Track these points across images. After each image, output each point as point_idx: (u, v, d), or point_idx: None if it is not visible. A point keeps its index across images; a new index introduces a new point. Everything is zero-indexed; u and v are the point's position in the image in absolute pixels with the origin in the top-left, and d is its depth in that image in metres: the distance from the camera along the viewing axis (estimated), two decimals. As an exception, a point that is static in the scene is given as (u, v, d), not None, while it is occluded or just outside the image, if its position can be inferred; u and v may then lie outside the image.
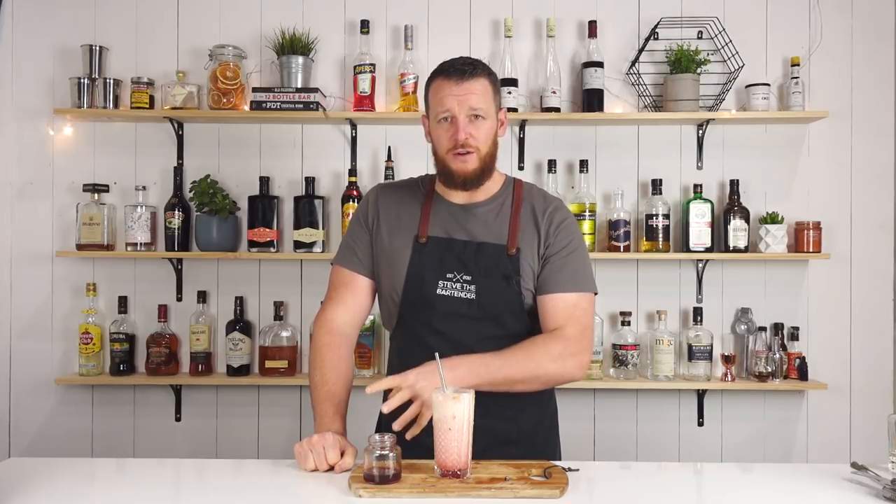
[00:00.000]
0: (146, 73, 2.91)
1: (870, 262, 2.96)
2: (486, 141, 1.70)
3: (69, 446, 2.91)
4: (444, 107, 1.68)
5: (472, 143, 1.67)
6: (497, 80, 1.76)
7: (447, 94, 1.67)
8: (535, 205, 1.78)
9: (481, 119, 1.68)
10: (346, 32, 2.97)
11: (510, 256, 1.71)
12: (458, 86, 1.67)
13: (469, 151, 1.68)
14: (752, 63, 2.94)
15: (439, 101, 1.69)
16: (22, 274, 2.95)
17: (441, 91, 1.69)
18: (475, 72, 1.69)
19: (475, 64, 1.71)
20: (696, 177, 2.94)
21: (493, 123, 1.72)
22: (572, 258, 1.74)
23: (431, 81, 1.74)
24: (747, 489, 1.51)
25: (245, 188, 2.93)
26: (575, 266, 1.73)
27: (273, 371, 2.84)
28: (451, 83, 1.67)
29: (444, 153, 1.70)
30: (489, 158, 1.72)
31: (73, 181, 2.94)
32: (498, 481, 1.40)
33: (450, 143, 1.68)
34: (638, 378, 2.85)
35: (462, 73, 1.68)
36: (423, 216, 1.76)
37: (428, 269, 1.71)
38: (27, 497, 1.37)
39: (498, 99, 1.75)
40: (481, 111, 1.68)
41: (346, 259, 1.81)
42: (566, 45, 2.96)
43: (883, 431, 1.50)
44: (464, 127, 1.67)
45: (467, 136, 1.67)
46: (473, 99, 1.67)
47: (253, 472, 1.58)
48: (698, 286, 2.95)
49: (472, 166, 1.69)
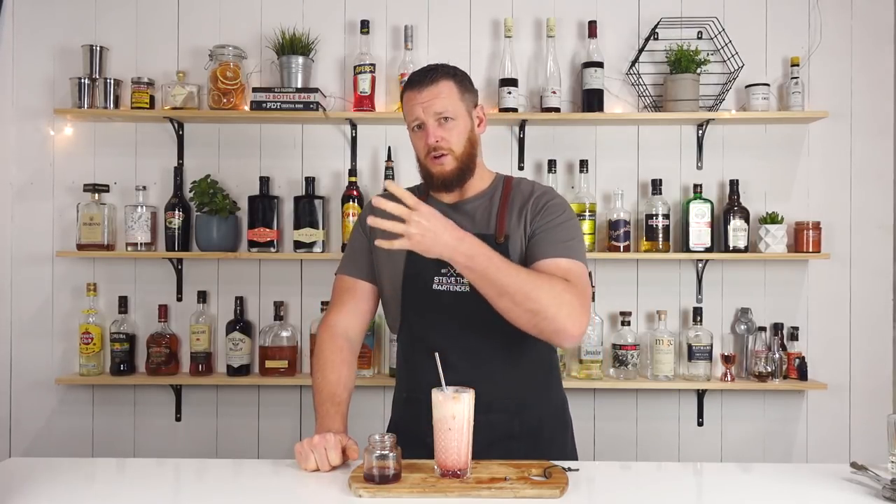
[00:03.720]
0: (146, 73, 2.92)
1: (870, 262, 2.96)
2: (459, 141, 1.72)
3: (69, 446, 2.91)
4: (413, 116, 1.73)
5: (444, 146, 1.71)
6: (465, 79, 1.77)
7: (414, 103, 1.72)
8: (522, 194, 1.79)
9: (451, 120, 1.71)
10: (346, 32, 2.98)
11: (499, 245, 1.71)
12: (420, 93, 1.71)
13: (443, 154, 1.71)
14: (752, 63, 2.94)
15: (409, 111, 1.75)
16: (22, 274, 2.95)
17: (409, 102, 1.74)
18: (435, 76, 1.72)
19: (436, 69, 1.75)
20: (695, 177, 2.94)
21: (465, 123, 1.74)
22: (561, 228, 1.70)
23: (403, 94, 1.79)
24: (747, 489, 1.51)
25: (245, 188, 2.94)
26: (564, 236, 1.69)
27: (273, 371, 2.84)
28: (415, 92, 1.72)
29: (423, 158, 1.75)
30: (466, 157, 1.73)
31: (74, 181, 2.94)
32: (498, 481, 1.40)
33: (425, 149, 1.73)
34: (638, 378, 2.85)
35: (422, 80, 1.72)
36: None
37: (423, 265, 1.71)
38: (27, 497, 1.37)
39: (469, 97, 1.76)
40: (448, 112, 1.71)
41: (347, 267, 1.86)
42: (566, 45, 2.96)
43: (882, 431, 1.50)
44: (433, 131, 1.70)
45: (438, 139, 1.70)
46: (438, 103, 1.70)
47: (253, 472, 1.58)
48: (698, 286, 2.95)
49: (449, 167, 1.72)
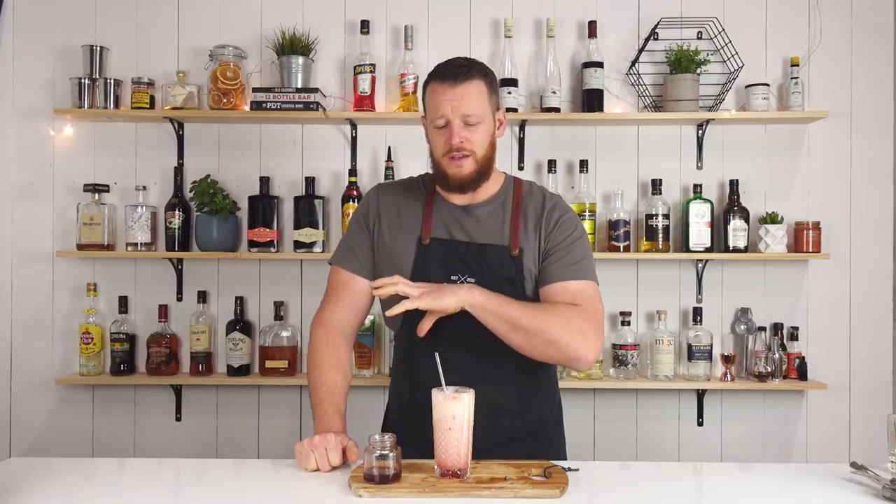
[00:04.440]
0: (146, 73, 2.92)
1: (870, 262, 2.96)
2: (481, 144, 1.68)
3: (69, 446, 2.91)
4: (440, 112, 1.66)
5: (466, 147, 1.66)
6: (494, 80, 1.73)
7: (442, 98, 1.65)
8: (535, 204, 1.77)
9: (477, 122, 1.66)
10: (346, 32, 2.98)
11: (513, 258, 1.70)
12: (452, 90, 1.65)
13: (465, 155, 1.66)
14: (752, 63, 2.94)
15: (434, 106, 1.67)
16: (22, 274, 2.95)
17: (436, 95, 1.67)
18: (470, 74, 1.66)
19: (470, 65, 1.68)
20: (695, 177, 2.94)
21: (489, 126, 1.70)
22: (573, 248, 1.72)
23: (427, 84, 1.71)
24: (747, 489, 1.51)
25: (245, 188, 2.93)
26: (576, 256, 1.71)
27: (273, 371, 2.84)
28: (446, 87, 1.65)
29: (440, 156, 1.69)
30: (485, 161, 1.70)
31: (74, 181, 2.94)
32: (498, 481, 1.40)
33: (445, 148, 1.67)
34: (638, 378, 2.85)
35: (456, 76, 1.65)
36: (426, 217, 1.75)
37: (432, 271, 1.69)
38: (27, 497, 1.37)
39: (495, 99, 1.72)
40: (476, 116, 1.66)
41: (345, 259, 1.79)
42: (566, 46, 2.96)
43: (882, 431, 1.50)
44: (458, 131, 1.65)
45: (462, 140, 1.65)
46: (467, 104, 1.64)
47: (253, 472, 1.58)
48: (698, 286, 2.95)
49: (468, 170, 1.68)
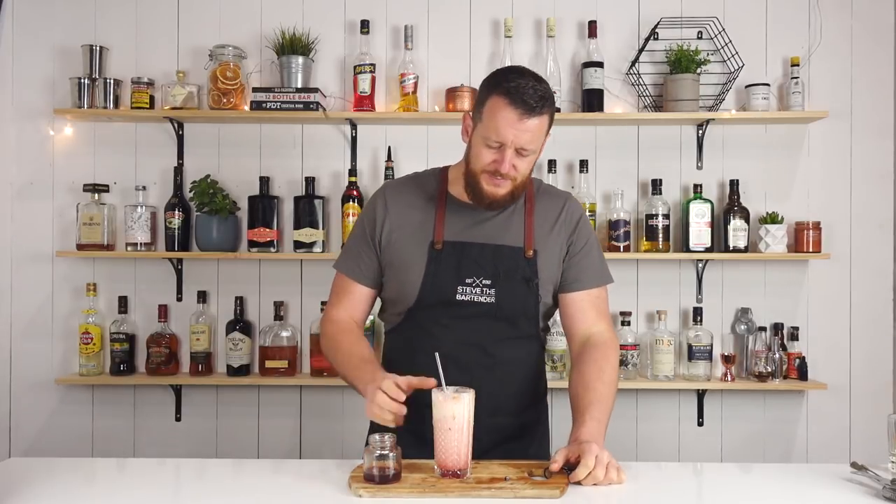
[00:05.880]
0: (146, 73, 2.91)
1: (870, 261, 2.96)
2: (525, 171, 1.66)
3: (69, 446, 2.91)
4: (499, 136, 1.60)
5: (511, 175, 1.63)
6: (554, 112, 1.68)
7: (506, 125, 1.59)
8: (549, 204, 1.77)
9: (530, 154, 1.64)
10: (346, 32, 2.98)
11: (528, 259, 1.70)
12: (520, 121, 1.58)
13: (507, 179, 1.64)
14: (752, 63, 2.94)
15: (495, 126, 1.60)
16: (22, 274, 2.95)
17: (500, 116, 1.59)
18: (542, 110, 1.60)
19: (544, 98, 1.61)
20: (695, 177, 2.94)
21: (538, 154, 1.68)
22: (592, 253, 1.78)
23: (493, 95, 1.61)
24: (747, 489, 1.51)
25: (245, 188, 2.93)
26: (595, 260, 1.78)
27: (273, 371, 2.84)
28: (515, 115, 1.58)
29: (479, 170, 1.64)
30: (522, 186, 1.68)
31: (74, 181, 2.94)
32: (498, 481, 1.40)
33: (490, 167, 1.63)
34: (638, 378, 2.85)
35: (530, 111, 1.58)
36: (438, 221, 1.72)
37: (445, 275, 1.68)
38: (27, 497, 1.37)
39: (550, 128, 1.68)
40: (532, 149, 1.63)
41: (349, 268, 1.79)
42: (566, 45, 2.96)
43: (883, 431, 1.50)
44: (510, 159, 1.61)
45: (510, 168, 1.62)
46: (529, 137, 1.60)
47: (253, 472, 1.58)
48: (698, 286, 2.95)
49: (504, 191, 1.65)
